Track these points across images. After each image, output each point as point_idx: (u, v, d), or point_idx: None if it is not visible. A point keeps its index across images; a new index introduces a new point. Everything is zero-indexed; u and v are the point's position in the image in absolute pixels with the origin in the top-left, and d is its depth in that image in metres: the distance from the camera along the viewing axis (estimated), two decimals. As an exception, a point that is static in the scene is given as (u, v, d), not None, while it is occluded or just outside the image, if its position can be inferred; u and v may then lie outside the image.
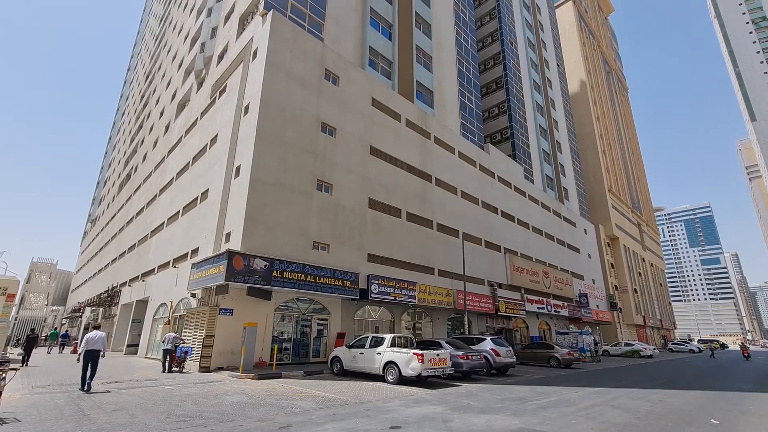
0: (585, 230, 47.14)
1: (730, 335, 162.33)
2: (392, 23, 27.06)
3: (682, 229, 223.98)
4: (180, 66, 32.42)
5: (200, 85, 26.13)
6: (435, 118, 27.85)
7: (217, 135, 20.68)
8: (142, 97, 48.32)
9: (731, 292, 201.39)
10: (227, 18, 24.79)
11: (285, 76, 18.38)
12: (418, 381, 12.65)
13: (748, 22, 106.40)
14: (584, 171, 55.65)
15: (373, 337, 13.94)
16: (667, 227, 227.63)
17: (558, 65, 53.96)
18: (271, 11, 18.74)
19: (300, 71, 19.11)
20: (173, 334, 15.06)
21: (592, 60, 68.30)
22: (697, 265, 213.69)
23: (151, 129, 37.46)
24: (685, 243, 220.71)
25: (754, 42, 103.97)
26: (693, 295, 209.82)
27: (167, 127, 31.22)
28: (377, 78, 24.38)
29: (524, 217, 35.11)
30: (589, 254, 46.38)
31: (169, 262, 22.66)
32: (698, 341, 55.26)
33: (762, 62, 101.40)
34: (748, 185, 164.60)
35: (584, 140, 58.12)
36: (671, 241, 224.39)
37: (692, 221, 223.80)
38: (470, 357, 14.57)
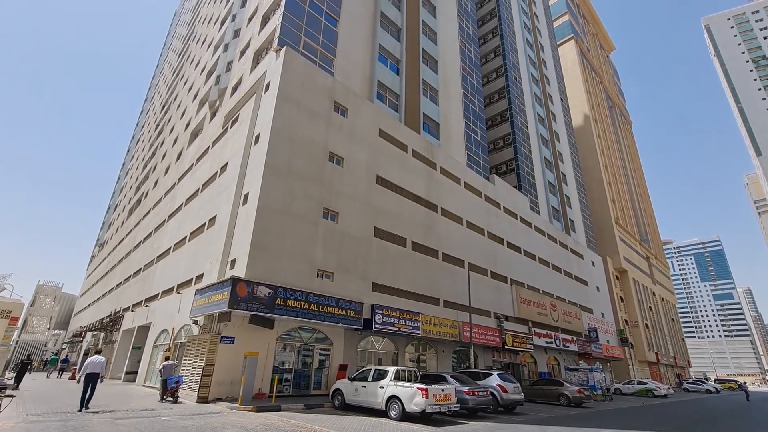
0: (593, 262, 46.51)
1: (748, 375, 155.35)
2: (400, 59, 28.11)
3: (692, 263, 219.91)
4: (195, 97, 33.66)
5: (213, 115, 27.02)
6: (441, 149, 28.33)
7: (227, 163, 21.16)
8: (157, 125, 49.93)
9: (747, 329, 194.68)
10: (242, 53, 25.97)
11: (295, 107, 18.99)
12: (422, 417, 12.21)
13: (747, 61, 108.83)
14: (590, 203, 55.60)
15: (376, 369, 13.61)
16: (677, 261, 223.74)
17: (561, 99, 55.17)
18: (285, 47, 19.62)
19: (310, 103, 19.75)
20: (170, 362, 14.85)
21: (595, 95, 69.80)
22: (709, 300, 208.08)
23: (163, 156, 38.46)
24: (696, 277, 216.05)
25: (755, 80, 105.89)
26: (707, 331, 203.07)
27: (179, 155, 32.04)
28: (385, 110, 25.07)
29: (530, 248, 34.84)
30: (597, 287, 45.53)
31: (173, 287, 22.63)
32: (715, 381, 52.98)
33: (764, 99, 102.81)
34: (757, 219, 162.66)
35: (589, 172, 58.45)
36: (681, 275, 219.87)
37: (702, 255, 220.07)
38: (476, 393, 14.09)
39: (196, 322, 17.41)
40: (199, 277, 19.39)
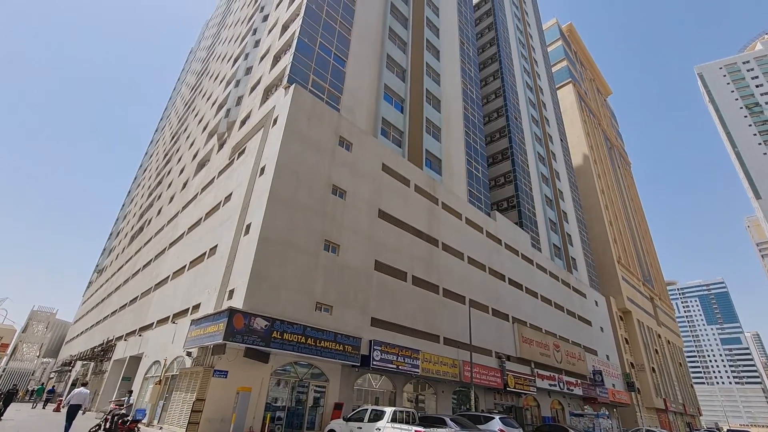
0: (596, 302, 45.76)
1: (762, 426, 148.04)
2: (404, 98, 29.15)
3: (697, 305, 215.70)
4: (204, 129, 34.67)
5: (221, 146, 27.72)
6: (443, 185, 28.74)
7: (231, 193, 21.47)
8: (166, 155, 51.06)
9: (758, 376, 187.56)
10: (253, 89, 27.03)
11: (301, 141, 19.52)
12: (420, 463, 11.63)
13: (741, 108, 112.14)
14: (591, 242, 55.52)
15: (372, 409, 13.13)
16: (682, 302, 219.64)
17: (561, 140, 56.50)
18: (294, 84, 20.46)
19: (316, 137, 20.31)
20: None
21: (593, 136, 71.50)
22: (717, 345, 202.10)
23: (169, 185, 39.05)
24: (702, 320, 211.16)
25: (750, 125, 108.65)
26: (716, 377, 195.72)
27: (185, 184, 32.55)
28: (388, 145, 25.70)
29: (532, 285, 34.45)
30: (601, 328, 44.51)
31: (168, 317, 22.28)
32: (727, 431, 50.46)
33: (760, 144, 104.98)
34: (761, 262, 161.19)
35: (590, 211, 58.78)
36: (687, 317, 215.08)
37: (707, 297, 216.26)
38: (476, 438, 13.49)
39: (189, 354, 17.00)
40: (196, 307, 19.14)
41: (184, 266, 23.53)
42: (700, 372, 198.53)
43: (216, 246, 20.17)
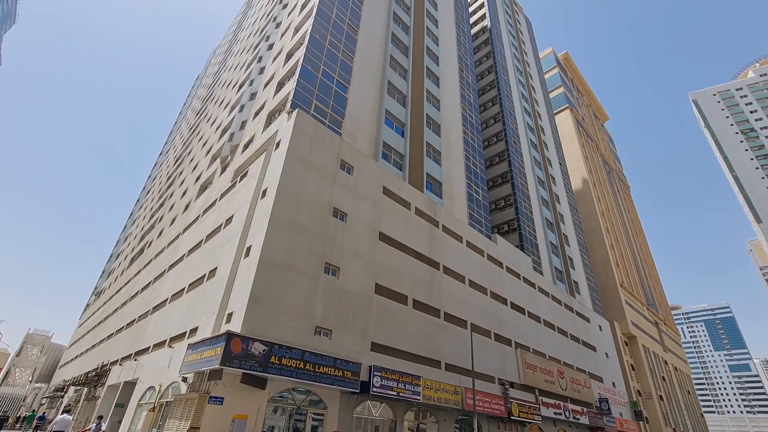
0: (600, 327, 44.99)
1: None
2: (405, 123, 29.71)
3: (703, 331, 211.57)
4: (208, 152, 35.17)
5: (224, 169, 28.05)
6: (443, 208, 28.85)
7: (233, 216, 21.56)
8: (169, 177, 51.58)
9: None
10: (257, 113, 27.61)
11: (303, 164, 19.78)
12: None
13: (737, 133, 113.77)
14: (593, 265, 55.15)
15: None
16: (687, 327, 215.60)
17: (560, 164, 57.10)
18: (297, 110, 20.93)
19: (317, 161, 20.59)
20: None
21: (592, 160, 72.27)
22: (725, 372, 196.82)
23: (171, 207, 39.25)
24: (709, 346, 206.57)
25: (746, 150, 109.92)
26: (726, 405, 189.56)
27: (187, 207, 32.72)
28: (389, 169, 25.99)
29: (535, 309, 33.99)
30: (606, 353, 43.57)
31: (165, 340, 21.92)
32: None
33: (757, 168, 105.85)
34: (765, 286, 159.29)
35: (591, 234, 58.68)
36: (693, 343, 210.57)
37: (713, 322, 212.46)
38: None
39: (185, 380, 16.63)
40: (194, 331, 18.87)
41: (183, 289, 23.34)
42: (710, 400, 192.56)
43: (216, 268, 20.09)
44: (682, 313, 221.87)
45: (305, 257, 17.99)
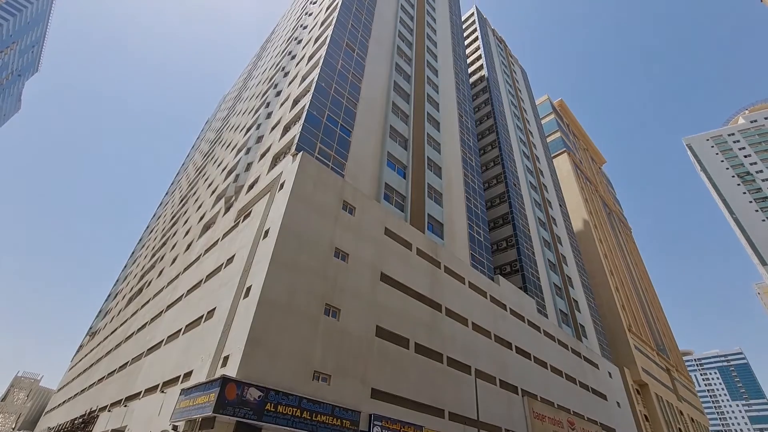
0: (609, 373, 43.20)
1: None
2: (406, 165, 30.45)
3: (718, 378, 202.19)
4: (213, 192, 35.82)
5: (228, 209, 28.44)
6: (445, 249, 28.82)
7: (234, 255, 21.58)
8: (173, 216, 52.12)
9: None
10: (263, 155, 28.44)
11: (306, 205, 20.08)
12: None
13: (733, 176, 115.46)
14: (599, 308, 53.97)
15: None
16: (701, 375, 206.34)
17: (560, 205, 57.63)
18: (301, 152, 21.59)
19: (320, 202, 20.92)
20: None
21: (592, 202, 72.97)
22: (745, 423, 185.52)
23: (173, 247, 39.34)
24: (725, 395, 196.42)
25: (744, 193, 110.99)
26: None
27: (189, 246, 32.82)
28: (391, 210, 26.29)
29: (541, 354, 32.86)
30: (618, 402, 41.49)
31: (158, 385, 21.15)
32: None
33: (757, 211, 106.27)
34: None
35: (595, 276, 57.95)
36: (709, 392, 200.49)
37: (727, 369, 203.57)
38: None
39: (175, 429, 15.87)
40: (188, 375, 18.26)
41: (180, 330, 22.86)
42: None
43: (214, 309, 19.79)
44: (695, 360, 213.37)
45: (305, 298, 17.78)
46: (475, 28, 71.59)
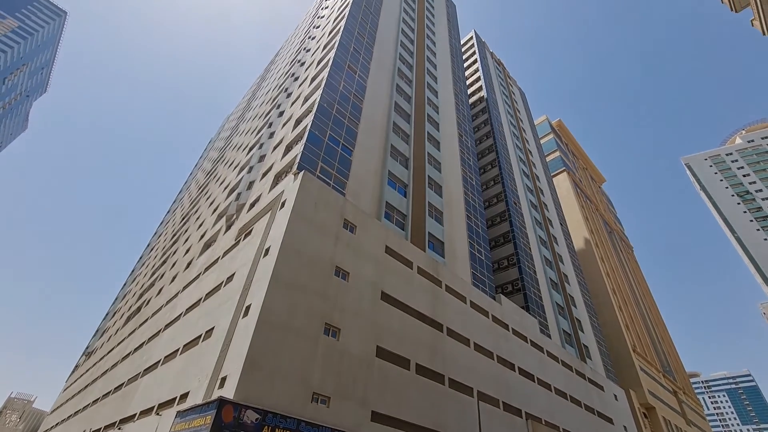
0: (615, 396, 42.20)
1: None
2: (407, 183, 30.66)
3: (726, 401, 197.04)
4: (214, 211, 35.96)
5: (229, 227, 28.49)
6: (446, 268, 28.68)
7: (234, 274, 21.49)
8: (174, 235, 52.15)
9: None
10: (264, 174, 28.69)
11: (307, 224, 20.14)
12: None
13: (733, 195, 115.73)
14: (603, 328, 53.19)
15: None
16: (709, 397, 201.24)
17: (561, 224, 57.62)
18: (303, 171, 21.80)
19: (321, 220, 20.98)
20: None
21: (592, 221, 72.97)
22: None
23: (173, 265, 39.21)
24: (735, 418, 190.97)
25: (745, 212, 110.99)
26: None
27: (189, 264, 32.71)
28: (392, 228, 26.32)
29: (544, 376, 32.20)
30: (624, 427, 40.37)
31: (153, 407, 20.71)
32: None
33: (759, 230, 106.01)
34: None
35: (597, 296, 57.37)
36: (718, 415, 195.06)
37: (736, 392, 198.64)
38: None
39: (171, 452, 15.46)
40: (184, 396, 17.91)
41: (177, 350, 22.54)
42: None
43: (212, 328, 19.58)
44: (702, 382, 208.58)
45: (305, 317, 17.60)
46: (474, 51, 73.38)
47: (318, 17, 54.45)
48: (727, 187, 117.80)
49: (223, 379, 15.57)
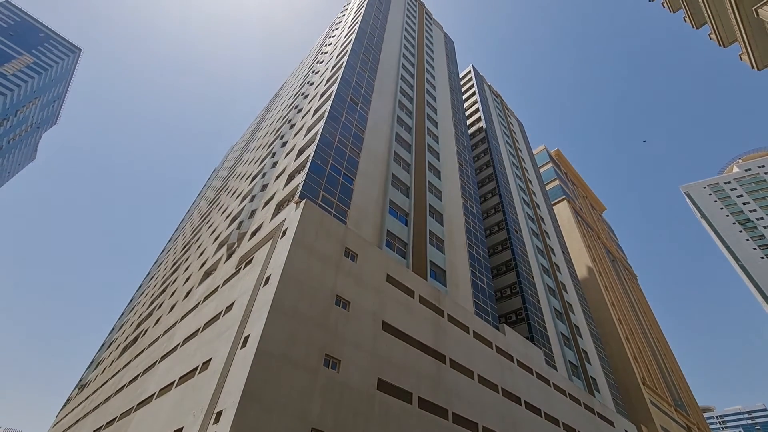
0: (626, 431, 40.47)
1: None
2: (408, 212, 30.85)
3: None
4: (216, 239, 36.04)
5: (230, 256, 28.45)
6: (448, 297, 28.34)
7: (233, 303, 21.26)
8: (174, 263, 51.97)
9: None
10: (266, 203, 28.97)
11: (308, 252, 20.13)
12: None
13: (734, 223, 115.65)
14: (610, 360, 51.76)
15: None
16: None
17: (563, 252, 57.34)
18: (305, 200, 22.03)
19: (322, 248, 20.98)
20: None
21: (594, 249, 72.63)
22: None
23: (173, 294, 38.84)
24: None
25: (748, 240, 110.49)
26: None
27: (188, 293, 32.42)
28: (393, 256, 26.24)
29: (551, 410, 31.03)
30: (638, 467, 38.45)
31: (146, 444, 19.92)
32: None
33: (763, 258, 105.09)
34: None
35: (603, 326, 56.23)
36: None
37: (752, 427, 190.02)
38: None
39: (162, 493, 14.74)
40: (179, 432, 17.27)
41: (173, 382, 21.94)
42: None
43: (210, 360, 19.15)
44: (716, 417, 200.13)
45: (305, 348, 17.26)
46: (472, 84, 75.79)
47: (321, 53, 56.70)
48: (728, 215, 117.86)
49: (219, 414, 15.08)
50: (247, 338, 17.15)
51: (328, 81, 39.06)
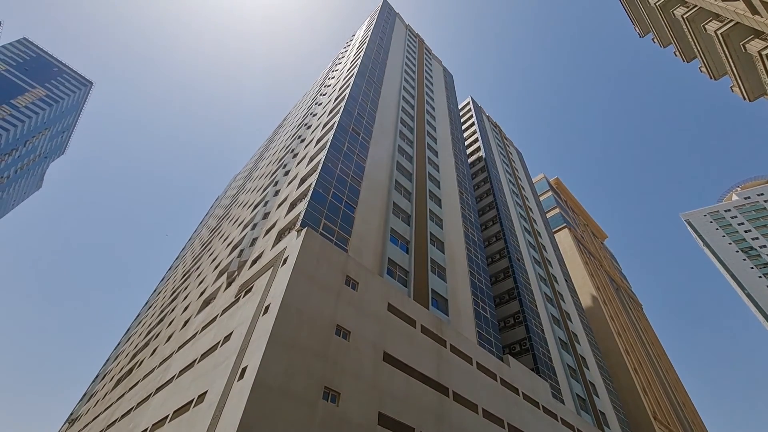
0: (640, 473, 38.50)
1: None
2: (409, 240, 30.85)
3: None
4: (216, 267, 35.88)
5: (229, 284, 28.24)
6: (450, 326, 27.84)
7: (231, 333, 20.91)
8: (173, 291, 51.47)
9: None
10: (268, 231, 29.06)
11: (308, 281, 20.00)
12: None
13: (737, 251, 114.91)
14: (618, 392, 50.05)
15: None
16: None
17: (566, 280, 56.74)
18: (306, 228, 22.12)
19: (323, 277, 20.86)
20: None
21: (597, 277, 71.87)
22: None
23: (170, 323, 38.25)
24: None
25: (752, 268, 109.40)
26: None
27: (186, 322, 31.93)
28: (394, 285, 26.01)
29: (560, 448, 29.72)
30: None
31: (136, 483, 19.03)
32: None
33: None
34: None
35: (610, 357, 54.76)
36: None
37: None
38: None
39: None
40: (171, 470, 16.54)
41: (167, 417, 21.22)
42: None
43: (205, 392, 18.62)
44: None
45: (304, 380, 16.81)
46: (471, 115, 77.69)
47: (324, 86, 58.60)
48: (730, 243, 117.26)
49: (214, 450, 14.51)
50: (244, 370, 16.75)
51: (330, 112, 40.14)
